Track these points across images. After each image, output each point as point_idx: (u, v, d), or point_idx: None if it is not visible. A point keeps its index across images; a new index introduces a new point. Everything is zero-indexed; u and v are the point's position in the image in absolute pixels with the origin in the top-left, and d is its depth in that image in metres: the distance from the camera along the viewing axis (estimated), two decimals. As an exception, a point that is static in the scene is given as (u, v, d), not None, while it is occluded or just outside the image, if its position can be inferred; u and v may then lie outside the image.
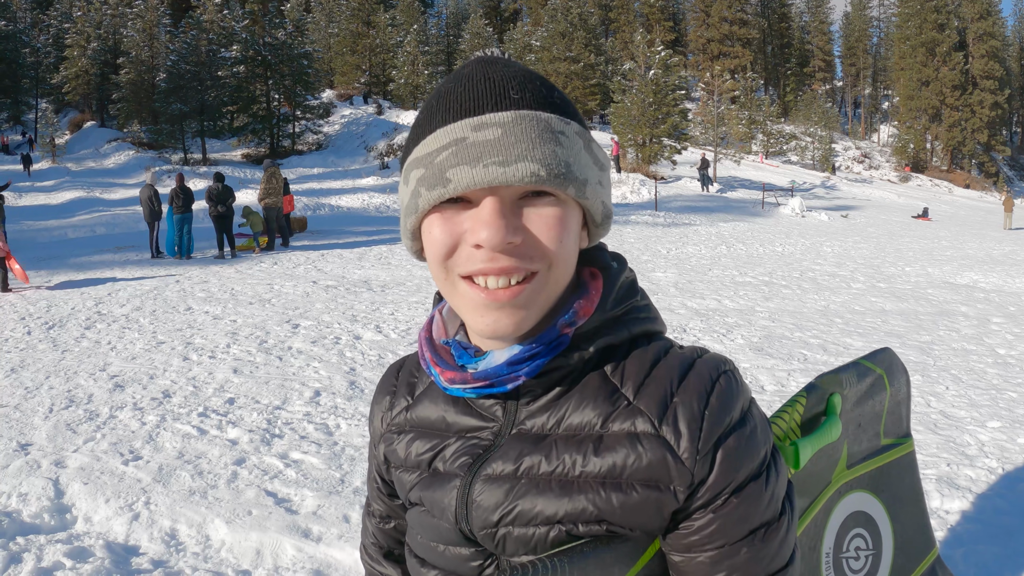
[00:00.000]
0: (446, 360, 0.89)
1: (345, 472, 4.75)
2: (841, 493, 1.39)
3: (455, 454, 0.90)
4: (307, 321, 9.20)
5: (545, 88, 0.82)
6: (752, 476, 0.82)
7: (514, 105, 0.78)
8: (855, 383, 1.41)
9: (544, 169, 0.76)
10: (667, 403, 0.82)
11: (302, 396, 6.30)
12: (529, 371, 0.83)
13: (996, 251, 19.85)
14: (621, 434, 0.82)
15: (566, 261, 0.82)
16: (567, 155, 0.78)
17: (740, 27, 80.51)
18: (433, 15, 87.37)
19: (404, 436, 0.97)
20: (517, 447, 0.85)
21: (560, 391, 0.86)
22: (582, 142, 0.81)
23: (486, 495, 0.86)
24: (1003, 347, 8.34)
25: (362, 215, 25.61)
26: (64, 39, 52.97)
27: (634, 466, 0.81)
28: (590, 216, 0.84)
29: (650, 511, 0.81)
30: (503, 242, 0.76)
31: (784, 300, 11.11)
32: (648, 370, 0.85)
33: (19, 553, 3.78)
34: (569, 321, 0.84)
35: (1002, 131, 79.48)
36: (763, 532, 0.83)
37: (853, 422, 1.41)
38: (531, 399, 0.87)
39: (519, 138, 0.76)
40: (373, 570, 1.17)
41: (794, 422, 1.25)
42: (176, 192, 16.06)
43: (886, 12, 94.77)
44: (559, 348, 0.84)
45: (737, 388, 0.85)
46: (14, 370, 7.23)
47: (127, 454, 5.05)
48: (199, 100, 42.67)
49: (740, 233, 22.59)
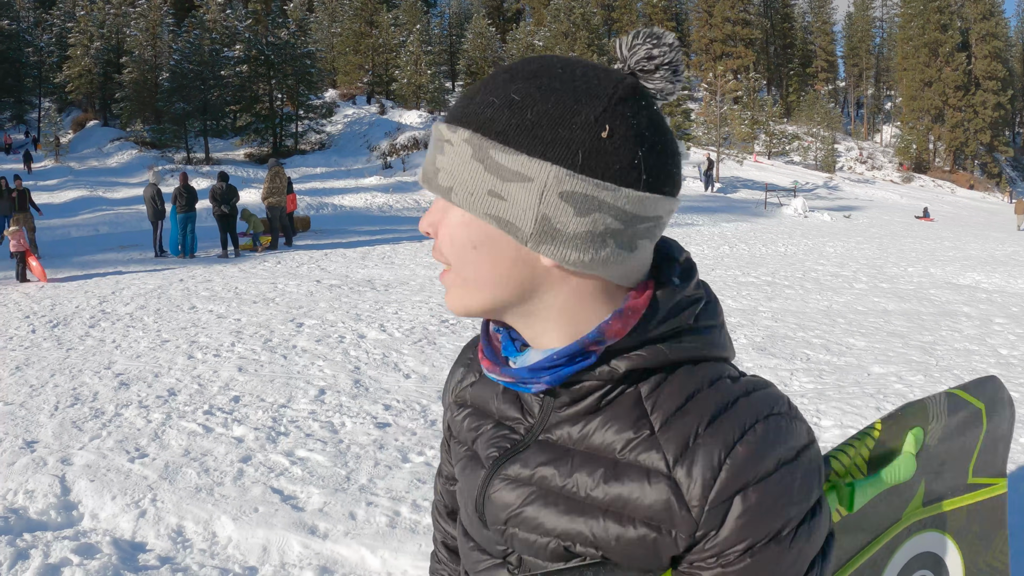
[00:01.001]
0: (492, 347, 0.90)
1: (351, 470, 4.77)
2: (911, 531, 1.28)
3: (488, 442, 0.92)
4: (311, 320, 9.23)
5: (475, 93, 0.81)
6: (773, 537, 0.76)
7: (449, 117, 0.81)
8: (945, 416, 1.26)
9: (422, 173, 0.82)
10: (688, 443, 0.77)
11: (307, 394, 6.32)
12: (551, 380, 0.82)
13: (999, 252, 19.85)
14: (635, 465, 0.79)
15: (467, 265, 0.82)
16: (445, 161, 0.79)
17: (743, 27, 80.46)
18: (436, 15, 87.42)
19: (463, 410, 0.99)
20: (538, 455, 0.86)
21: (591, 404, 0.83)
22: (471, 149, 0.77)
23: (500, 494, 0.87)
24: (1005, 347, 8.35)
25: (365, 215, 25.64)
26: (67, 38, 52.99)
27: (638, 502, 0.78)
28: (510, 230, 0.78)
29: (647, 550, 0.79)
30: (423, 229, 0.84)
31: (787, 300, 11.12)
32: (683, 401, 0.80)
33: (26, 550, 3.80)
34: (594, 339, 0.80)
35: (1005, 132, 79.40)
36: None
37: (936, 458, 1.27)
38: (562, 404, 0.85)
39: (430, 147, 0.82)
40: (439, 526, 1.22)
41: (860, 458, 1.14)
42: (180, 191, 16.11)
43: (889, 12, 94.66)
44: (584, 363, 0.81)
45: (778, 437, 0.77)
46: (19, 368, 7.26)
47: (133, 451, 5.07)
48: (202, 99, 42.74)
49: (743, 233, 22.59)
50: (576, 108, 0.75)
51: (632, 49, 0.79)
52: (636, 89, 0.78)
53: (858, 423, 5.70)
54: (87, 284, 12.31)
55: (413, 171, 39.02)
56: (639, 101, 0.78)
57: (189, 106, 42.21)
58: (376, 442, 5.25)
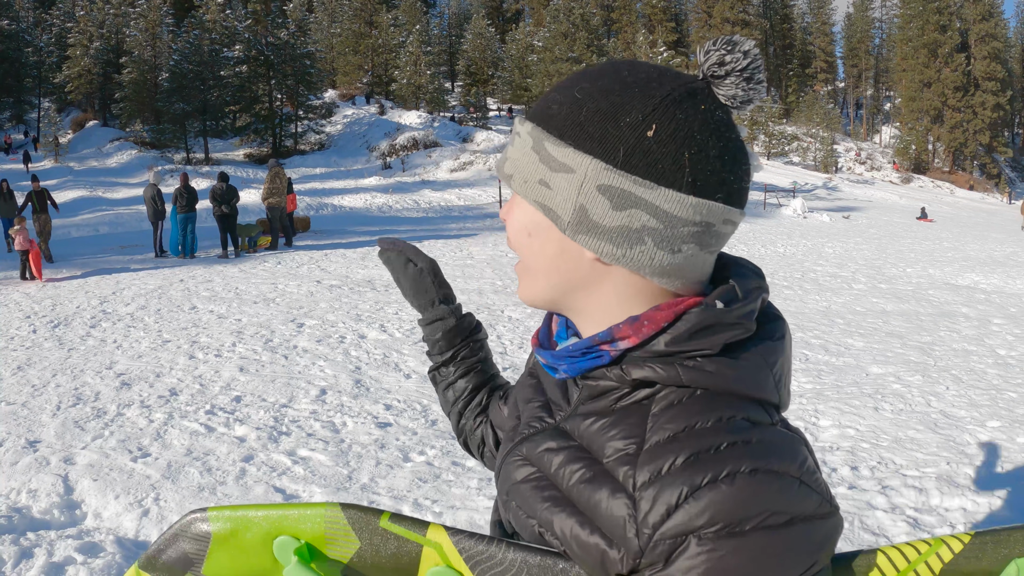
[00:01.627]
0: (548, 329, 0.96)
1: (352, 469, 4.80)
2: None
3: (529, 420, 0.95)
4: (312, 320, 9.25)
5: (555, 91, 0.83)
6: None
7: (527, 112, 0.86)
8: None
9: (497, 163, 0.88)
10: (661, 471, 0.74)
11: (308, 394, 6.35)
12: (568, 370, 0.85)
13: (998, 252, 19.89)
14: (611, 476, 0.78)
15: (531, 256, 0.85)
16: (512, 152, 0.84)
17: (742, 28, 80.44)
18: (435, 15, 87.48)
19: (531, 379, 1.03)
20: (549, 440, 0.87)
21: (607, 405, 0.84)
22: (532, 141, 0.81)
23: (508, 468, 0.92)
24: (1003, 348, 8.39)
25: (365, 215, 25.67)
26: (67, 38, 53.00)
27: (602, 510, 0.77)
28: (557, 221, 0.80)
29: (596, 560, 0.77)
30: (502, 216, 0.89)
31: (786, 301, 11.15)
32: (679, 430, 0.76)
33: (30, 548, 3.83)
34: (604, 339, 0.81)
35: (1004, 132, 79.43)
36: None
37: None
38: (586, 397, 0.86)
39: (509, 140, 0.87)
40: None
41: (926, 565, 0.87)
42: (180, 192, 16.14)
43: (888, 13, 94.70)
44: (597, 360, 0.82)
45: (757, 495, 0.71)
46: (20, 368, 7.28)
47: (135, 451, 5.10)
48: (202, 100, 42.77)
49: (741, 234, 22.61)
50: (627, 107, 0.76)
51: (707, 55, 0.80)
52: (697, 93, 0.78)
53: (856, 423, 5.74)
54: (87, 284, 12.33)
55: (413, 171, 39.06)
56: (698, 104, 0.77)
57: (189, 106, 42.24)
58: (377, 442, 5.28)
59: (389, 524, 0.89)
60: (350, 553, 0.90)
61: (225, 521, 0.92)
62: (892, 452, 5.16)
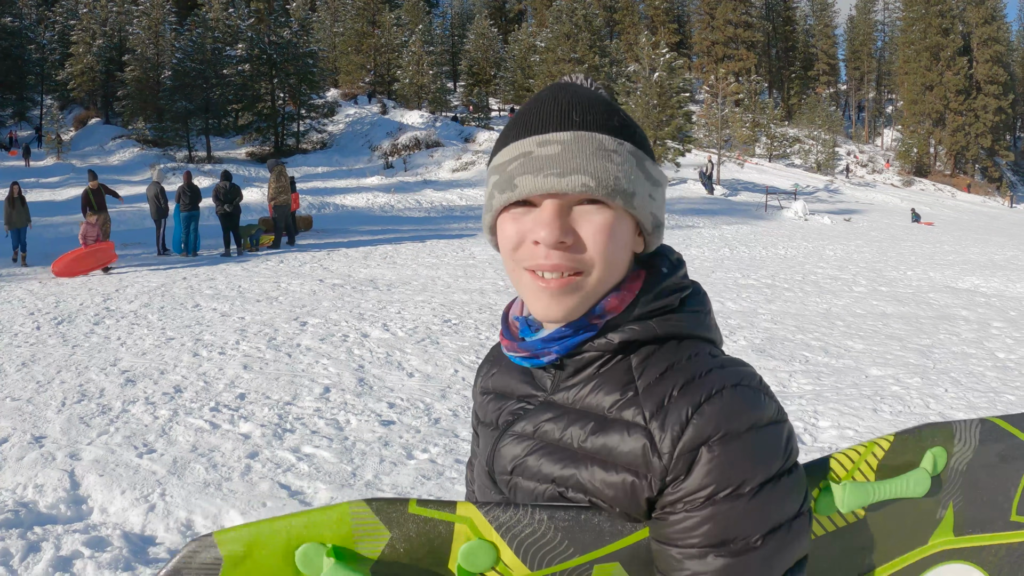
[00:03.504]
0: (512, 333, 1.04)
1: (356, 466, 4.85)
2: (939, 559, 1.23)
3: (509, 413, 1.05)
4: (315, 319, 9.29)
5: (607, 112, 0.94)
6: (734, 491, 0.85)
7: (574, 126, 0.92)
8: (975, 442, 1.20)
9: (594, 181, 0.90)
10: (663, 402, 0.89)
11: (312, 392, 6.39)
12: (560, 349, 0.96)
13: (998, 256, 19.92)
14: (619, 420, 0.91)
15: (611, 263, 0.93)
16: (617, 171, 0.91)
17: (745, 30, 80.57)
18: (438, 15, 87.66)
19: (486, 397, 1.14)
20: (541, 413, 0.99)
21: (591, 372, 0.97)
22: (635, 160, 0.94)
23: (507, 447, 1.01)
24: (1003, 351, 8.42)
25: (367, 214, 25.71)
26: (70, 36, 53.00)
27: (620, 450, 0.90)
28: (642, 225, 0.96)
29: (626, 493, 0.89)
30: (556, 241, 0.90)
31: (786, 303, 11.19)
32: (664, 369, 0.92)
33: (37, 542, 3.86)
34: (598, 313, 0.95)
35: (1006, 136, 79.47)
36: (742, 548, 0.86)
37: (969, 487, 1.21)
38: (567, 375, 0.99)
39: (575, 154, 0.90)
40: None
41: (866, 464, 1.11)
42: (183, 190, 16.19)
43: (891, 16, 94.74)
44: (587, 333, 0.95)
45: (745, 404, 0.88)
46: (25, 364, 7.32)
47: (141, 447, 5.14)
48: (204, 98, 42.80)
49: (743, 236, 22.66)
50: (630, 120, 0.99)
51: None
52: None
53: (855, 424, 5.77)
54: (91, 281, 12.38)
55: (415, 171, 39.08)
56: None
57: (191, 104, 42.28)
58: (381, 439, 5.32)
59: (418, 509, 0.91)
60: (380, 546, 0.90)
61: (235, 543, 0.87)
62: (891, 453, 5.19)
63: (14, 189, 15.55)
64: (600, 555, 0.91)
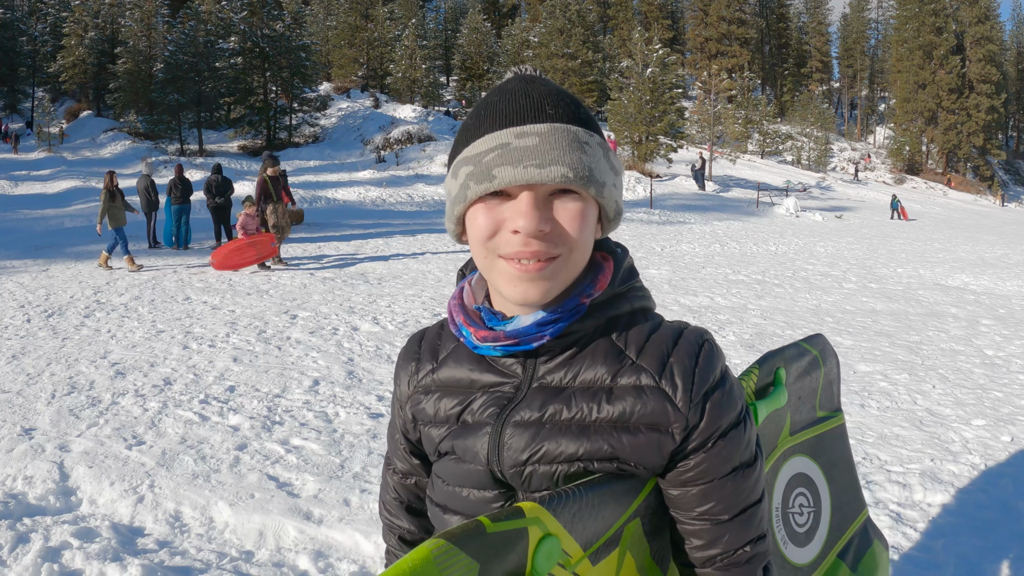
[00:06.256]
0: (477, 323, 1.05)
1: (344, 458, 4.86)
2: (786, 456, 1.58)
3: (482, 406, 1.05)
4: (305, 312, 9.30)
5: (573, 105, 0.99)
6: (733, 424, 1.02)
7: (549, 119, 0.96)
8: (796, 360, 1.61)
9: (572, 172, 0.94)
10: (665, 362, 1.01)
11: (301, 385, 6.40)
12: (553, 332, 1.01)
13: (988, 254, 20.01)
14: (628, 387, 1.01)
15: (584, 247, 0.99)
16: (590, 161, 0.96)
17: (738, 27, 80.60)
18: (431, 9, 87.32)
19: (431, 395, 1.12)
20: (540, 397, 1.02)
21: (574, 352, 1.04)
22: (602, 151, 1.00)
23: (516, 438, 1.02)
24: (991, 348, 8.48)
25: (358, 208, 25.68)
26: (61, 28, 52.65)
27: (640, 412, 0.99)
28: (604, 212, 1.03)
29: (653, 450, 1.00)
30: (536, 230, 0.94)
31: (776, 299, 11.23)
32: (647, 336, 1.04)
33: (26, 533, 3.87)
34: (588, 293, 1.02)
35: (998, 135, 79.65)
36: (743, 470, 1.03)
37: (795, 394, 1.60)
38: (549, 358, 1.04)
39: (553, 146, 0.94)
40: (392, 523, 1.30)
41: (750, 388, 1.46)
42: (175, 183, 16.16)
43: (884, 14, 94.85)
44: (577, 314, 1.02)
45: (717, 353, 1.05)
46: (15, 356, 7.31)
47: (130, 439, 5.15)
48: (196, 91, 42.59)
49: (734, 232, 22.72)
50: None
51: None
52: None
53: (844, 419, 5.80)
54: (81, 274, 12.35)
55: (407, 165, 39.00)
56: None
57: (183, 97, 42.04)
58: (369, 432, 5.34)
59: (494, 526, 0.86)
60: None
61: None
62: (877, 448, 5.24)
63: (111, 179, 13.50)
64: (627, 517, 1.00)
